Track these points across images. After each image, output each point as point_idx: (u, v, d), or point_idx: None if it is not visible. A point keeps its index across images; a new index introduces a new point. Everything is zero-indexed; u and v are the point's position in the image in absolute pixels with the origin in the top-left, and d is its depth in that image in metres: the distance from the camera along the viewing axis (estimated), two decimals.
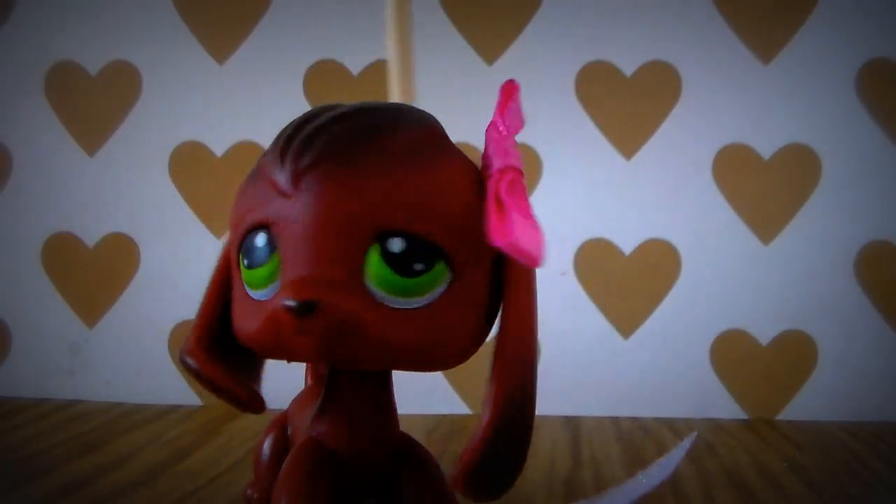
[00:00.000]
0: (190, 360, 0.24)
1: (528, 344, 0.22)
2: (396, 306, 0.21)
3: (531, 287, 0.23)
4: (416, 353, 0.22)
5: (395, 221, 0.21)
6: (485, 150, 0.24)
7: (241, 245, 0.23)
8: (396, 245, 0.21)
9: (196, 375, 0.24)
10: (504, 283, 0.23)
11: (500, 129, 0.24)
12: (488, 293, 0.23)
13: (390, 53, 0.32)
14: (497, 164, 0.23)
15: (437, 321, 0.22)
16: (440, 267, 0.21)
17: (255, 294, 0.23)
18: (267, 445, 0.30)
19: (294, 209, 0.21)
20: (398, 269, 0.21)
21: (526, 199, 0.22)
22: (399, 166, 0.21)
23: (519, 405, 0.22)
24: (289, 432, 0.30)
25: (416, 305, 0.21)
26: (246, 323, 0.23)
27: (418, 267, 0.21)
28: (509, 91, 0.25)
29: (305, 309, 0.20)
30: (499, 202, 0.22)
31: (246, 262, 0.22)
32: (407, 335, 0.21)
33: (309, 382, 0.33)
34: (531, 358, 0.22)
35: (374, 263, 0.21)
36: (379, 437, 0.25)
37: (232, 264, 0.24)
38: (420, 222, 0.21)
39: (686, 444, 0.33)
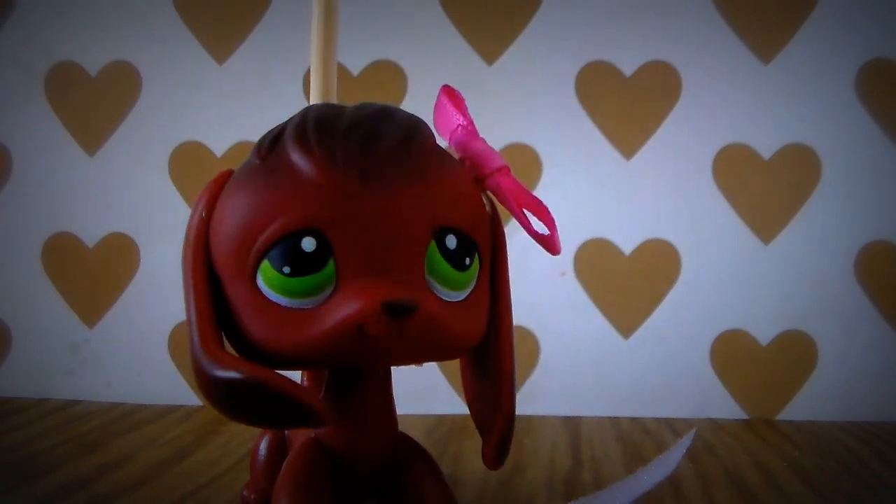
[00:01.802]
0: (232, 372, 0.21)
1: (511, 325, 0.25)
2: (449, 300, 0.22)
3: (508, 274, 0.26)
4: (464, 343, 0.23)
5: (448, 219, 0.22)
6: (463, 151, 0.25)
7: (269, 251, 0.21)
8: (452, 241, 0.22)
9: (241, 385, 0.21)
10: (496, 273, 0.25)
11: (471, 128, 0.25)
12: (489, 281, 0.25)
13: (313, 54, 0.31)
14: (492, 163, 0.24)
15: (473, 311, 0.23)
16: (477, 260, 0.23)
17: (296, 302, 0.21)
18: (263, 446, 0.30)
19: (360, 210, 0.21)
20: (455, 264, 0.22)
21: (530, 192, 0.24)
22: (438, 166, 0.22)
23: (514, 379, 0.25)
24: (286, 433, 0.30)
25: (460, 298, 0.23)
26: (283, 334, 0.21)
27: (467, 261, 0.22)
28: (452, 94, 0.26)
29: (407, 310, 0.20)
30: (523, 201, 0.24)
31: (287, 269, 0.21)
32: (462, 326, 0.23)
33: (306, 383, 0.32)
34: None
35: (436, 260, 0.22)
36: (379, 438, 0.25)
37: (230, 274, 0.22)
38: (463, 219, 0.22)
39: (686, 441, 0.33)
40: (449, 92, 0.26)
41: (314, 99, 0.31)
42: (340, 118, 0.22)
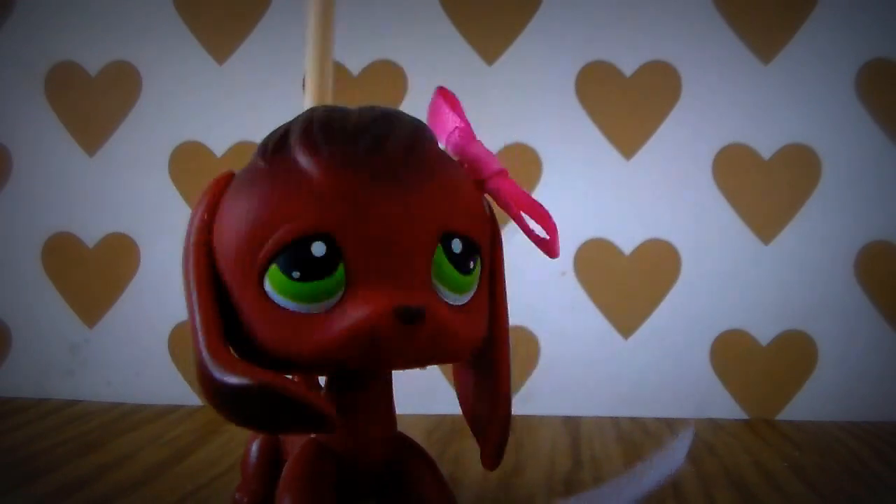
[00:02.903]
0: (237, 378, 0.21)
1: (508, 327, 0.25)
2: (454, 303, 0.23)
3: (504, 276, 0.26)
4: (468, 346, 0.23)
5: (454, 223, 0.22)
6: (461, 154, 0.25)
7: (278, 256, 0.21)
8: (458, 246, 0.22)
9: (251, 391, 0.21)
10: (494, 275, 0.25)
11: (468, 130, 0.25)
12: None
13: (308, 56, 0.32)
14: (491, 167, 0.24)
15: (476, 314, 0.24)
16: (479, 263, 0.23)
17: (304, 307, 0.21)
18: (255, 448, 0.30)
19: (370, 214, 0.21)
20: (460, 268, 0.22)
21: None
22: (443, 170, 0.23)
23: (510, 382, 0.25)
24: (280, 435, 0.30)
25: (464, 301, 0.23)
26: (291, 339, 0.21)
27: (471, 265, 0.23)
28: (447, 96, 0.26)
29: (418, 316, 0.20)
30: (523, 204, 0.24)
31: (296, 273, 0.20)
32: (466, 329, 0.23)
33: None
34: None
35: (442, 265, 0.22)
36: (379, 438, 0.25)
37: (236, 278, 0.22)
38: (467, 223, 0.23)
39: (686, 440, 0.32)
40: (444, 94, 0.26)
41: (309, 102, 0.31)
42: (347, 120, 0.22)
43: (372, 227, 0.21)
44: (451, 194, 0.22)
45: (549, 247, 0.24)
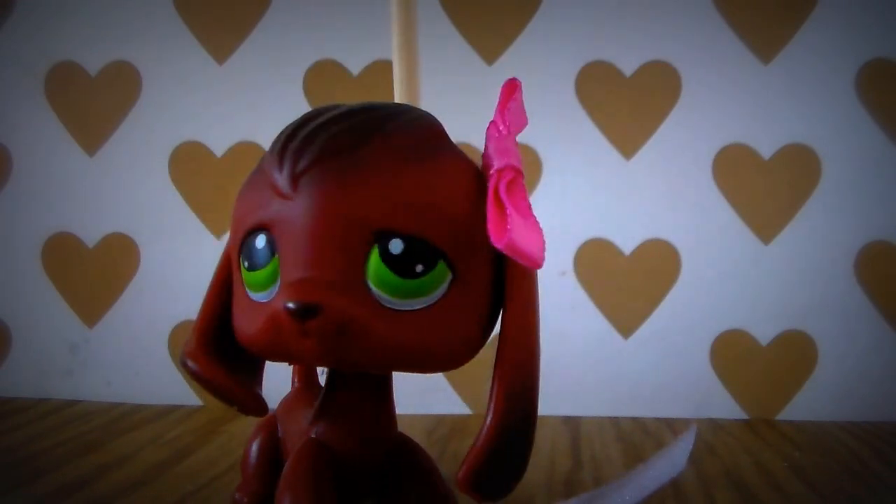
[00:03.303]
0: (190, 363, 0.24)
1: (528, 347, 0.22)
2: (398, 308, 0.21)
3: (532, 288, 0.23)
4: (418, 355, 0.22)
5: (394, 222, 0.21)
6: (485, 149, 0.24)
7: (241, 247, 0.23)
8: (396, 246, 0.21)
9: (196, 378, 0.24)
10: (505, 284, 0.23)
11: (500, 128, 0.24)
12: (490, 294, 0.23)
13: (395, 54, 0.32)
14: (497, 163, 0.22)
15: (440, 322, 0.21)
16: (441, 268, 0.21)
17: (255, 296, 0.22)
18: (255, 448, 0.30)
19: (293, 211, 0.21)
20: (398, 270, 0.21)
21: (525, 199, 0.22)
22: (398, 166, 0.21)
23: (520, 408, 0.22)
24: (280, 434, 0.30)
25: (417, 307, 0.21)
26: (246, 324, 0.23)
27: (419, 268, 0.21)
28: (510, 90, 0.25)
29: (306, 311, 0.20)
30: (498, 202, 0.21)
31: (246, 263, 0.22)
32: (408, 337, 0.21)
33: (297, 384, 0.32)
34: (532, 361, 0.22)
35: (374, 265, 0.21)
36: (378, 438, 0.25)
37: (233, 265, 0.24)
38: (420, 223, 0.21)
39: (689, 438, 0.32)
40: (505, 86, 0.25)
41: (398, 96, 0.32)
42: (314, 118, 0.22)
43: (295, 222, 0.21)
44: (400, 190, 0.21)
45: (525, 257, 0.21)
